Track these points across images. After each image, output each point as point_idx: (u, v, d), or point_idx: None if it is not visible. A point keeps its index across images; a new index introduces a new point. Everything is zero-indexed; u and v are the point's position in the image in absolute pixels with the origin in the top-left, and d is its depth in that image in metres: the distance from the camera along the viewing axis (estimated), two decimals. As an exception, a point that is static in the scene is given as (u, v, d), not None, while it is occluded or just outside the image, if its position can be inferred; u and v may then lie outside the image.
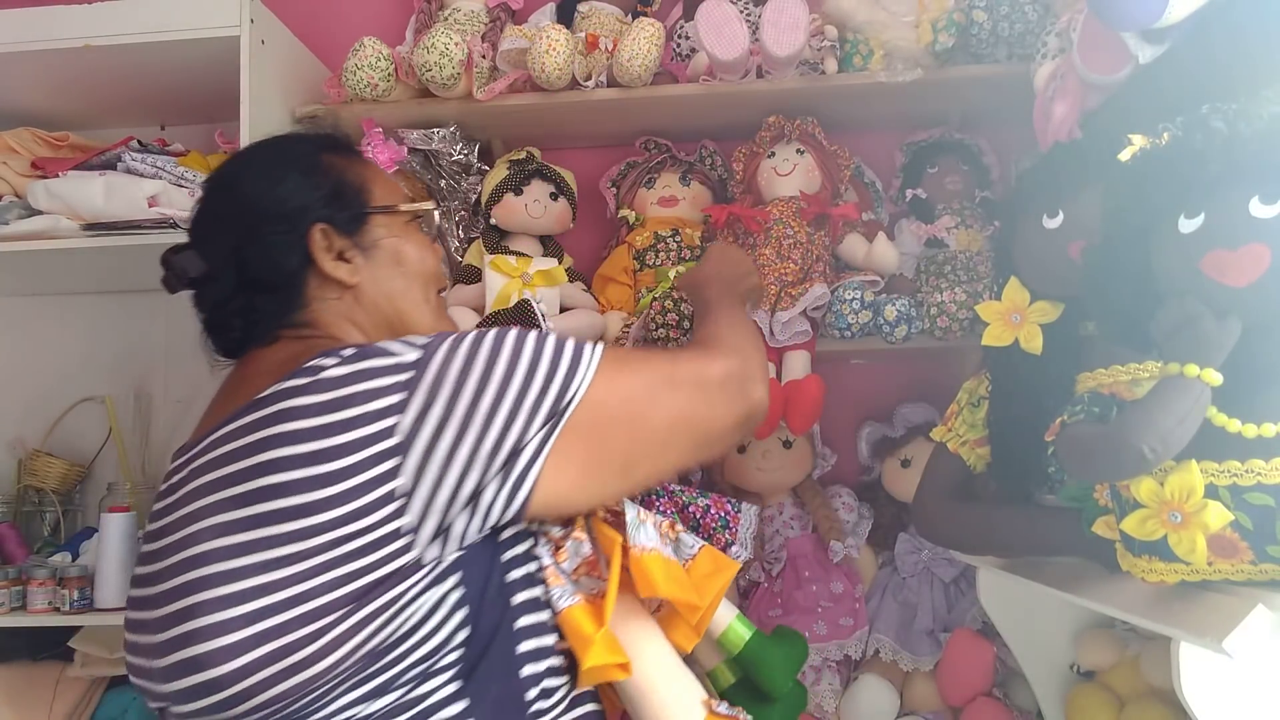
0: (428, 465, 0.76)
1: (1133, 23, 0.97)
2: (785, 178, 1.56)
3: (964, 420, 1.18)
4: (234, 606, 0.74)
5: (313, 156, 1.00)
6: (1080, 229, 0.99)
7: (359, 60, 1.55)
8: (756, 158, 1.60)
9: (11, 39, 1.59)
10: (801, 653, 1.07)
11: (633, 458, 0.87)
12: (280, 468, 0.75)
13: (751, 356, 1.01)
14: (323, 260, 0.94)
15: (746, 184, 1.62)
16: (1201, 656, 0.82)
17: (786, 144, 1.59)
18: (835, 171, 1.60)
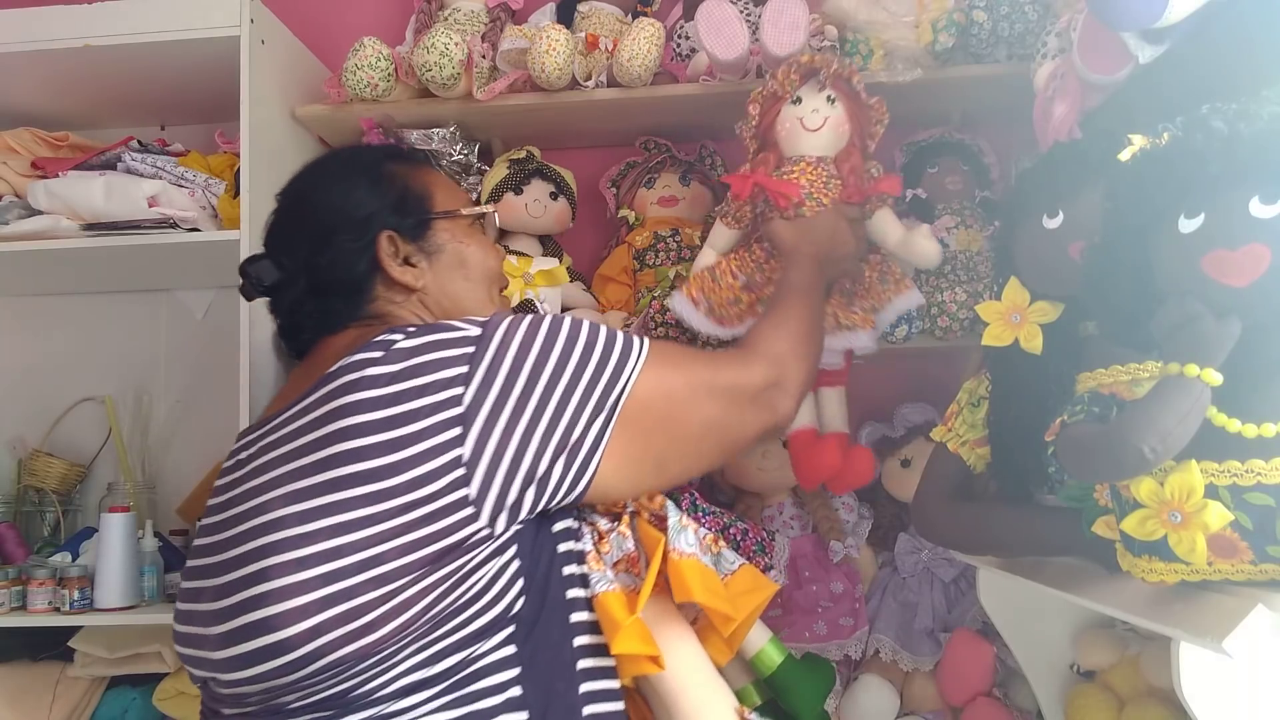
0: (489, 437, 0.81)
1: (1133, 23, 0.97)
2: (813, 134, 1.30)
3: (964, 420, 1.18)
4: (306, 570, 0.77)
5: (379, 166, 1.06)
6: (1080, 229, 0.99)
7: (359, 60, 1.55)
8: (778, 102, 1.33)
9: (11, 39, 1.59)
10: (830, 681, 1.09)
11: (667, 456, 0.92)
12: (353, 435, 0.79)
13: (793, 367, 1.04)
14: (389, 265, 0.99)
15: (761, 135, 1.35)
16: (1201, 656, 0.82)
17: (817, 90, 1.32)
18: (867, 127, 1.35)
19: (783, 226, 1.25)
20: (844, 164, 1.31)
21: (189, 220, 1.61)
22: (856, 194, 1.29)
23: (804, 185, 1.27)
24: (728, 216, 1.35)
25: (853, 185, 1.29)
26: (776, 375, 1.00)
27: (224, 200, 1.64)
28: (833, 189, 1.28)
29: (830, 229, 1.24)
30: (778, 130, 1.33)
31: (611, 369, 0.87)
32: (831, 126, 1.30)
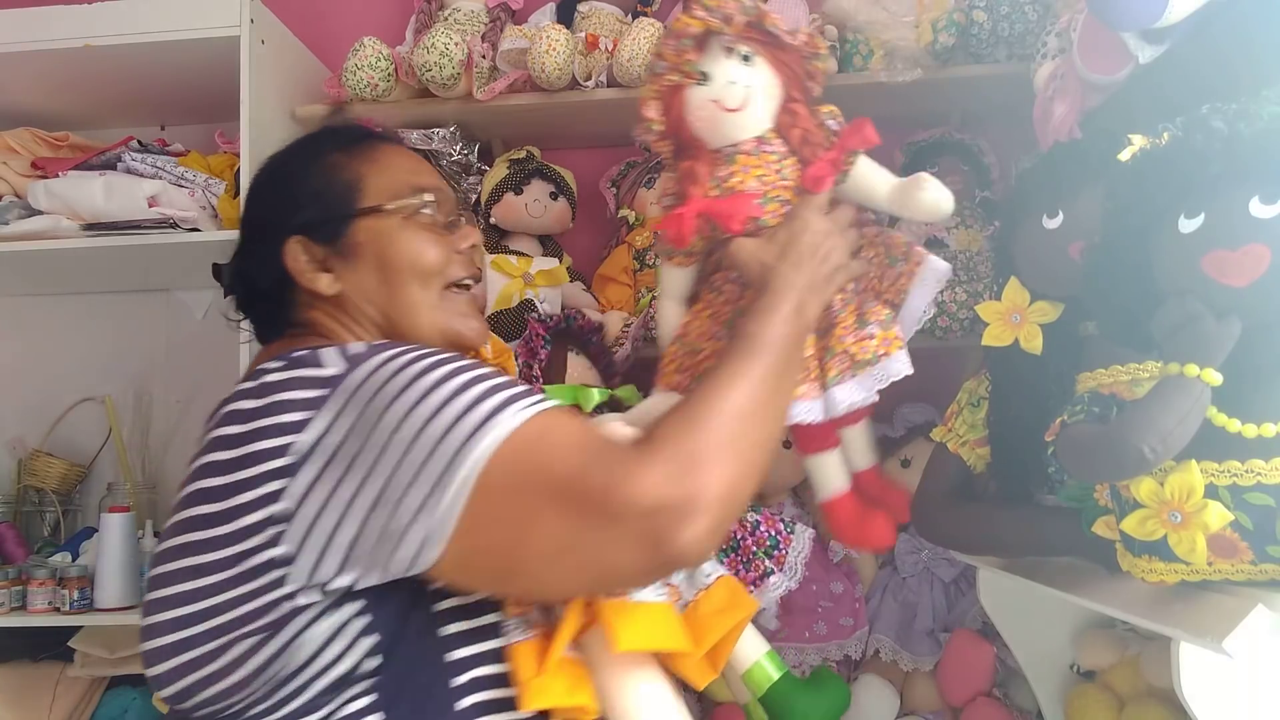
0: (310, 495, 0.71)
1: (1133, 23, 0.97)
2: (738, 113, 0.98)
3: (964, 420, 1.18)
4: (164, 611, 0.75)
5: (313, 159, 0.99)
6: (1080, 229, 0.99)
7: (359, 60, 1.55)
8: (680, 90, 0.99)
9: (11, 39, 1.59)
10: (841, 702, 0.95)
11: (510, 567, 0.72)
12: (207, 474, 0.75)
13: (713, 476, 0.71)
14: (299, 273, 0.93)
15: (675, 137, 1.02)
16: (1201, 656, 0.82)
17: (724, 55, 0.98)
18: (801, 71, 1.02)
19: (745, 248, 0.96)
20: (791, 131, 1.00)
21: (189, 220, 1.61)
22: (823, 166, 0.98)
23: (754, 186, 0.97)
24: (674, 255, 1.03)
25: (813, 155, 0.99)
26: (677, 493, 0.68)
27: (224, 200, 1.64)
28: (789, 173, 0.98)
29: (806, 232, 0.95)
30: (693, 124, 1.00)
31: (462, 442, 0.70)
32: (759, 93, 0.98)
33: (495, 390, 0.73)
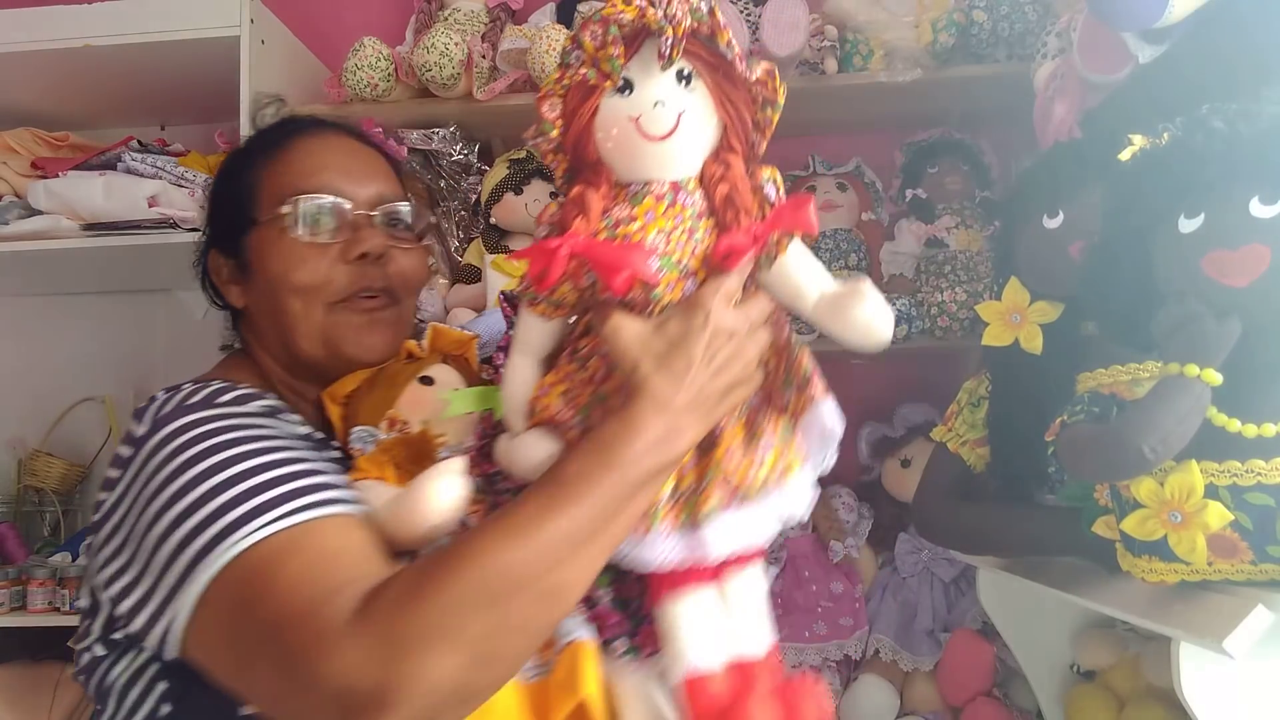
0: (101, 552, 0.78)
1: (1133, 23, 0.97)
2: (661, 142, 0.73)
3: (964, 420, 1.18)
4: None
5: (232, 166, 0.97)
6: (1080, 229, 0.99)
7: (359, 60, 1.55)
8: (589, 95, 0.74)
9: (11, 39, 1.59)
10: None
11: (237, 690, 0.68)
12: None
13: (443, 659, 0.59)
14: (219, 286, 0.96)
15: (573, 149, 0.76)
16: (1201, 656, 0.82)
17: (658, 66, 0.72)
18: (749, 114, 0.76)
19: (623, 330, 0.72)
20: (717, 186, 0.74)
21: (189, 220, 1.61)
22: (743, 239, 0.73)
23: (654, 241, 0.72)
24: (539, 302, 0.76)
25: (735, 222, 0.74)
26: (371, 681, 0.58)
27: (224, 200, 1.64)
28: (702, 238, 0.74)
29: (704, 330, 0.71)
30: (600, 142, 0.75)
31: (195, 556, 0.67)
32: (691, 126, 0.74)
33: (248, 496, 0.69)
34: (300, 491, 0.70)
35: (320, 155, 0.94)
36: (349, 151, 0.96)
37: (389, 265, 0.92)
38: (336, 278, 0.89)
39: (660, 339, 0.71)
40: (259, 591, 0.64)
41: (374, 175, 0.95)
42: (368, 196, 0.93)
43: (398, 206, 0.95)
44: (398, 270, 0.93)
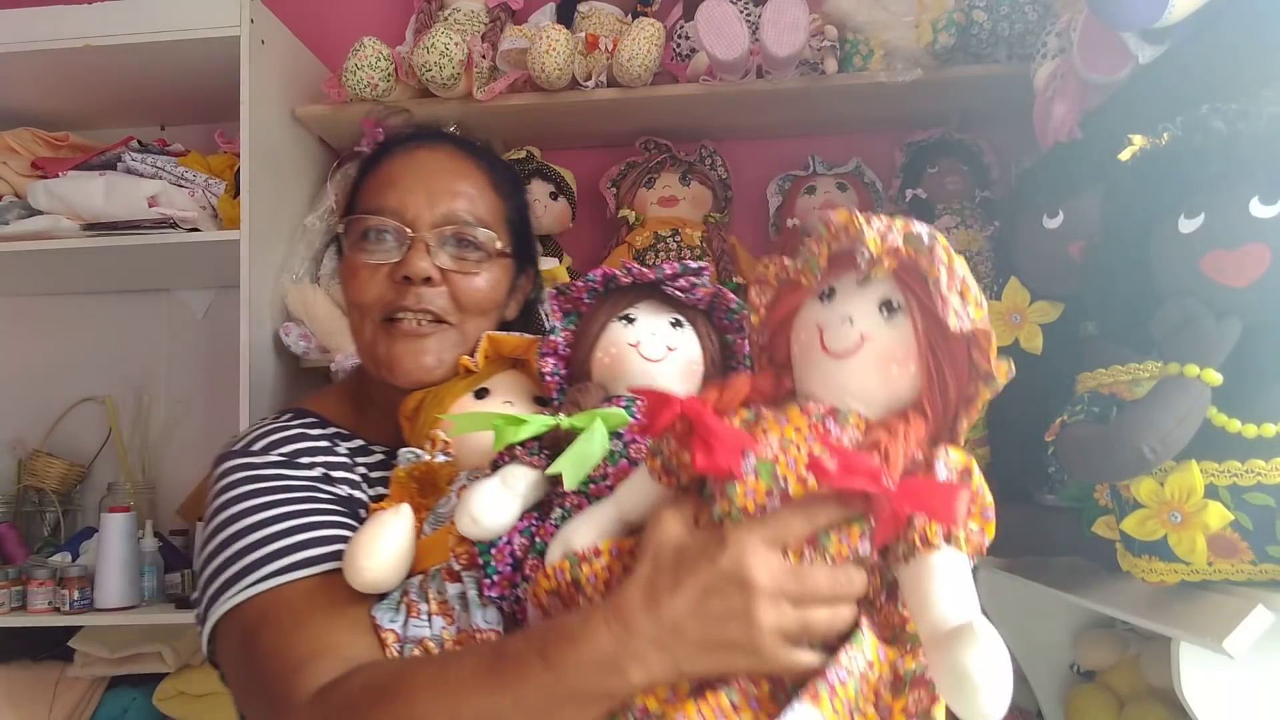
0: None
1: (1133, 23, 0.97)
2: (845, 360, 0.65)
3: (964, 420, 1.17)
4: None
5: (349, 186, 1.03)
6: (1080, 229, 0.99)
7: (359, 60, 1.55)
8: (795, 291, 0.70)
9: (11, 39, 1.59)
10: None
11: None
12: None
13: None
14: None
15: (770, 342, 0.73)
16: (1201, 656, 0.82)
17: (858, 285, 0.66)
18: (952, 375, 0.66)
19: (665, 519, 0.64)
20: (891, 439, 0.62)
21: (189, 220, 1.61)
22: (854, 475, 0.58)
23: (766, 443, 0.64)
24: (656, 458, 0.69)
25: (890, 494, 0.59)
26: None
27: (224, 200, 1.64)
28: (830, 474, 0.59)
29: (719, 564, 0.59)
30: (796, 352, 0.70)
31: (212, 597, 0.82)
32: (876, 355, 0.65)
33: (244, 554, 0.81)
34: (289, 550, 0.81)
35: (395, 174, 0.96)
36: (434, 167, 0.97)
37: (446, 287, 0.93)
38: (383, 297, 0.93)
39: (674, 551, 0.61)
40: (250, 644, 0.78)
41: (451, 195, 0.95)
42: (432, 218, 0.94)
43: (461, 230, 0.94)
44: (456, 293, 0.94)
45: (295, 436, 0.92)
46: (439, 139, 1.02)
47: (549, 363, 0.85)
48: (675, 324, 0.84)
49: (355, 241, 0.95)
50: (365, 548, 0.78)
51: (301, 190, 1.72)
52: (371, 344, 0.94)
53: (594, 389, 0.82)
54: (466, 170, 0.98)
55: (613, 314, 0.84)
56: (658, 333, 0.83)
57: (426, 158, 0.98)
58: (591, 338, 0.84)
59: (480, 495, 0.74)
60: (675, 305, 0.85)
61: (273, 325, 1.59)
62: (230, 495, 0.86)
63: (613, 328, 0.84)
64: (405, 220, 0.93)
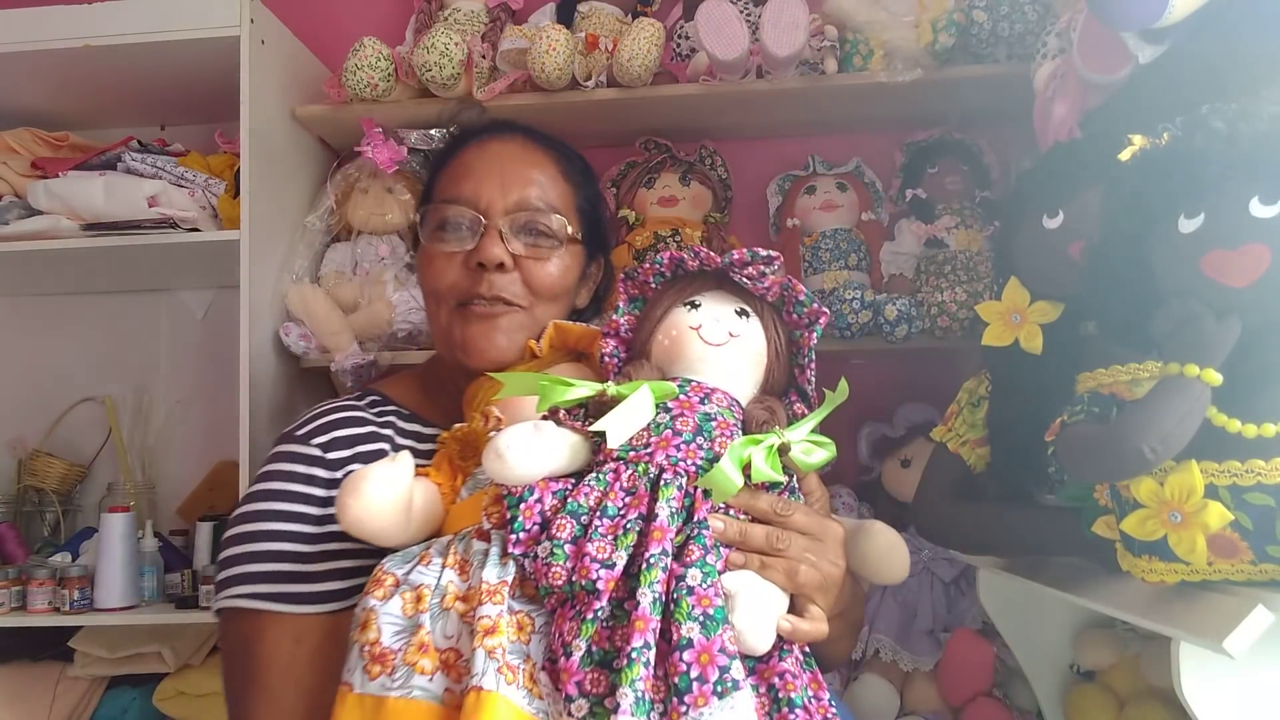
0: None
1: (1133, 23, 0.97)
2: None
3: (964, 420, 1.17)
4: None
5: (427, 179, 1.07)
6: (1080, 229, 0.99)
7: (359, 60, 1.55)
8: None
9: (11, 39, 1.59)
10: None
11: None
12: None
13: None
14: None
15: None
16: (1201, 656, 0.82)
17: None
18: None
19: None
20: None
21: (189, 220, 1.61)
22: None
23: None
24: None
25: None
26: None
27: (224, 200, 1.64)
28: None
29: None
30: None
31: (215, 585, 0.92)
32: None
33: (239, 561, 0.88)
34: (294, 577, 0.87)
35: (470, 164, 1.00)
36: (507, 157, 1.01)
37: (518, 273, 0.97)
38: (458, 283, 0.96)
39: None
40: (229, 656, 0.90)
41: (524, 182, 0.99)
42: (505, 205, 0.97)
43: (533, 217, 0.98)
44: (528, 278, 0.97)
45: (341, 421, 0.96)
46: (511, 130, 1.05)
47: (610, 344, 0.86)
48: (741, 313, 0.84)
49: (432, 231, 0.98)
50: (351, 487, 0.77)
51: (301, 190, 1.72)
52: (447, 328, 0.97)
53: (647, 366, 0.83)
54: (538, 159, 1.02)
55: (678, 299, 0.85)
56: (721, 319, 0.83)
57: (499, 148, 1.01)
58: (654, 321, 0.85)
59: (510, 433, 0.74)
60: (743, 295, 0.85)
61: (273, 325, 1.59)
62: (258, 489, 0.92)
63: (676, 312, 0.85)
64: (479, 208, 0.96)
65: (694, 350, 0.82)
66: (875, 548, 0.85)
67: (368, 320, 1.60)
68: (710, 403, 0.79)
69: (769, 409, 0.81)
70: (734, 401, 0.82)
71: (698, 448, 0.76)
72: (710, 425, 0.77)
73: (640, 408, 0.76)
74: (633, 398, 0.76)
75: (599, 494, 0.73)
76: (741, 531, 0.74)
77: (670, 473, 0.74)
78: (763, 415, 0.81)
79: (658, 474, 0.74)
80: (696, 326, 0.82)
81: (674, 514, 0.71)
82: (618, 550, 0.69)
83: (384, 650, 0.70)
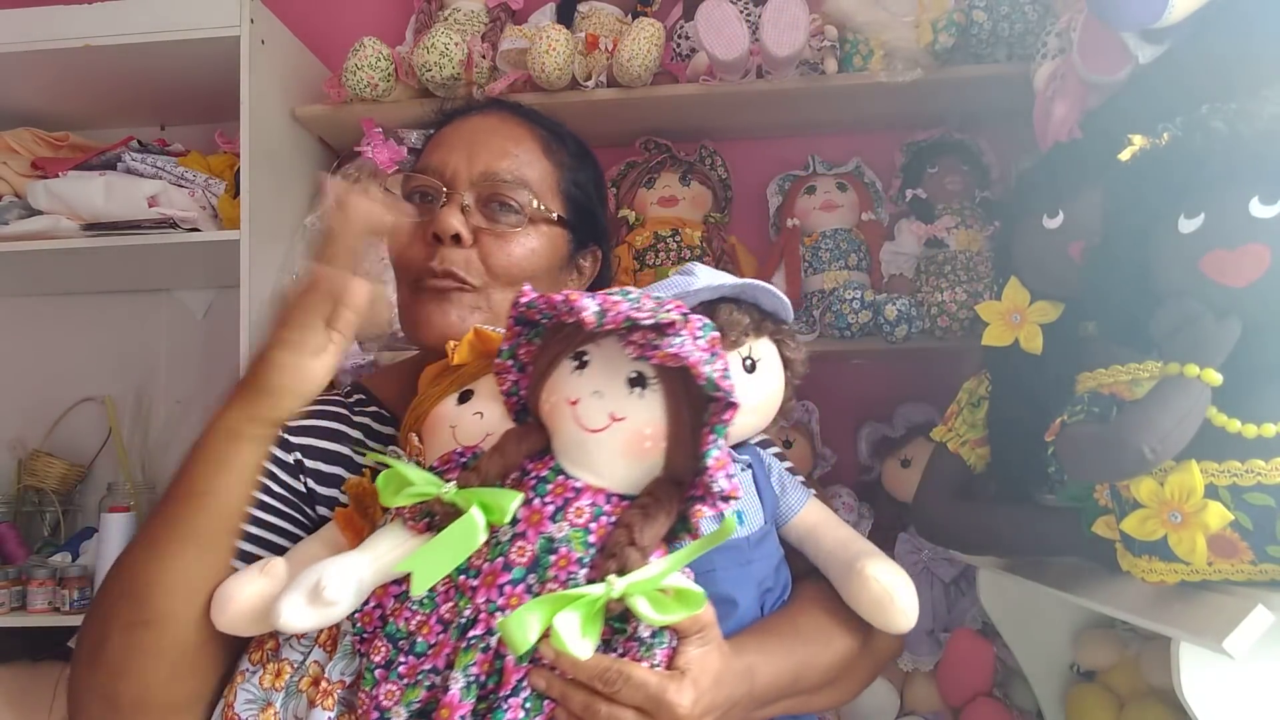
0: None
1: (1133, 23, 0.97)
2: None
3: (964, 420, 1.17)
4: None
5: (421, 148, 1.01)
6: (1080, 229, 0.99)
7: (359, 60, 1.55)
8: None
9: (11, 39, 1.59)
10: None
11: None
12: None
13: None
14: None
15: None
16: (1201, 656, 0.82)
17: None
18: None
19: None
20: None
21: (189, 220, 1.61)
22: None
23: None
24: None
25: None
26: None
27: (224, 200, 1.64)
28: None
29: None
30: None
31: None
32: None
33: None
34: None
35: (446, 135, 0.94)
36: (482, 129, 0.94)
37: (475, 249, 0.89)
38: (415, 258, 0.89)
39: None
40: None
41: (495, 154, 0.92)
42: (470, 175, 0.90)
43: (499, 189, 0.90)
44: (485, 256, 0.90)
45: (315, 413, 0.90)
46: (495, 105, 1.00)
47: (508, 379, 0.73)
48: (635, 381, 0.67)
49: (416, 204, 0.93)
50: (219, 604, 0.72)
51: (301, 190, 1.71)
52: (405, 306, 0.92)
53: (495, 458, 0.69)
54: (517, 134, 0.95)
55: (566, 348, 0.69)
56: (606, 391, 0.67)
57: (478, 121, 0.96)
58: (541, 371, 0.71)
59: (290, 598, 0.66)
60: None
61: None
62: None
63: (560, 369, 0.70)
64: (444, 178, 0.91)
65: (568, 432, 0.68)
66: (864, 601, 0.77)
67: (368, 320, 1.60)
68: (565, 515, 0.66)
69: (632, 528, 0.64)
70: (606, 502, 0.68)
71: (526, 589, 0.66)
72: (548, 560, 0.66)
73: (459, 542, 0.65)
74: (448, 532, 0.65)
75: (420, 619, 0.68)
76: (562, 693, 0.64)
77: (481, 625, 0.65)
78: (619, 539, 0.64)
79: (470, 620, 0.66)
80: (574, 401, 0.67)
81: (469, 686, 0.64)
82: (399, 706, 0.65)
83: (234, 717, 0.71)
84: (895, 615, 0.76)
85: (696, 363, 0.62)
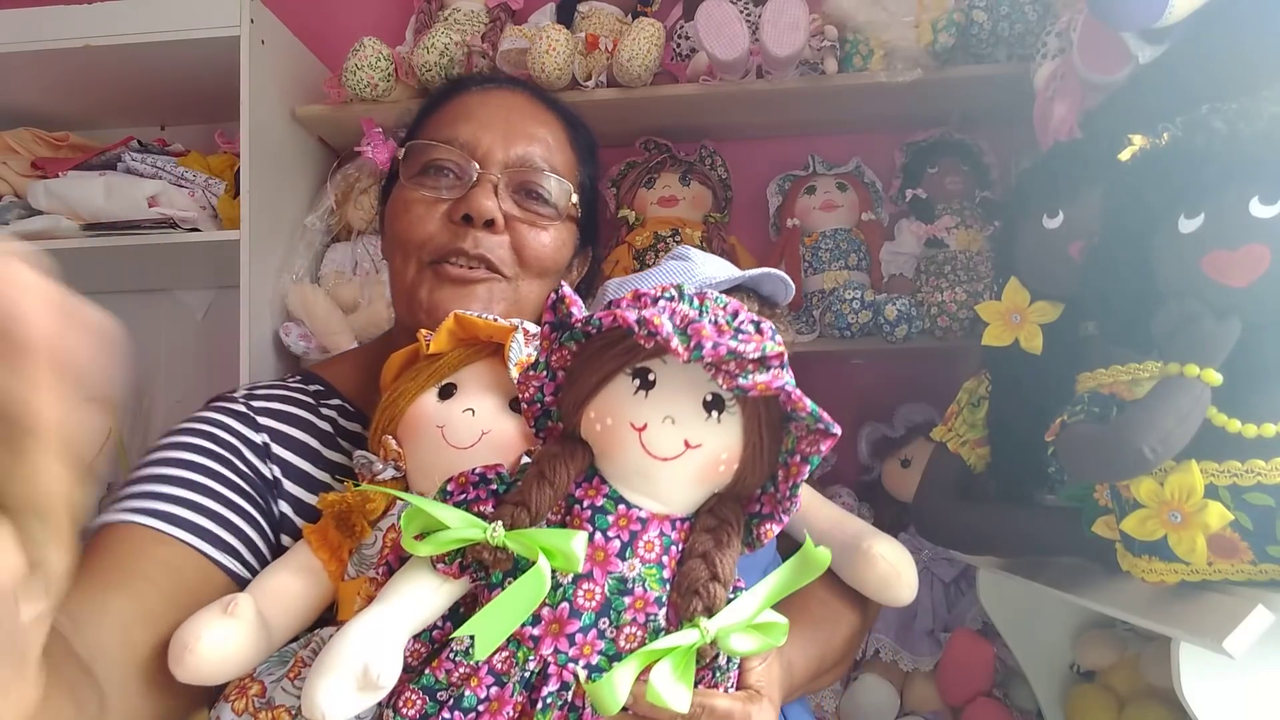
0: None
1: (1133, 23, 0.97)
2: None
3: (964, 420, 1.17)
4: None
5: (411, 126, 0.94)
6: (1080, 229, 0.99)
7: (359, 60, 1.55)
8: None
9: (11, 39, 1.59)
10: None
11: None
12: None
13: None
14: None
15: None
16: (1201, 656, 0.82)
17: None
18: None
19: None
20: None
21: (189, 220, 1.61)
22: None
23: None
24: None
25: None
26: None
27: (224, 200, 1.64)
28: None
29: None
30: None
31: None
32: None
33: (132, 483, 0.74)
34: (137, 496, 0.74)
35: (471, 107, 0.87)
36: (515, 108, 0.88)
37: (507, 235, 0.83)
38: (435, 237, 0.82)
39: None
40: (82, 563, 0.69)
41: (529, 138, 0.86)
42: (505, 157, 0.84)
43: (534, 177, 0.84)
44: (518, 244, 0.84)
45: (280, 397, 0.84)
46: (519, 84, 0.94)
47: (531, 388, 0.62)
48: (711, 404, 0.58)
49: (414, 174, 0.85)
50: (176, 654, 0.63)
51: (301, 190, 1.72)
52: (412, 287, 0.83)
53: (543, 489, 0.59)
54: (546, 119, 0.90)
55: (626, 361, 0.59)
56: (680, 416, 0.58)
57: (507, 97, 0.90)
58: (587, 387, 0.60)
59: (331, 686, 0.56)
60: None
61: (273, 325, 1.59)
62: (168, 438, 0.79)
63: (617, 385, 0.59)
64: (476, 155, 0.84)
65: (632, 459, 0.59)
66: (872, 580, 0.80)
67: (367, 320, 1.60)
68: (634, 551, 0.59)
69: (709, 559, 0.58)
70: (672, 530, 0.61)
71: (597, 636, 0.59)
72: (623, 603, 0.59)
73: (526, 598, 0.56)
74: (515, 589, 0.56)
75: (464, 671, 0.59)
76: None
77: (555, 680, 0.58)
78: (699, 574, 0.58)
79: (537, 671, 0.59)
80: (640, 427, 0.58)
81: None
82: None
83: None
84: (902, 590, 0.80)
85: (800, 397, 0.55)
